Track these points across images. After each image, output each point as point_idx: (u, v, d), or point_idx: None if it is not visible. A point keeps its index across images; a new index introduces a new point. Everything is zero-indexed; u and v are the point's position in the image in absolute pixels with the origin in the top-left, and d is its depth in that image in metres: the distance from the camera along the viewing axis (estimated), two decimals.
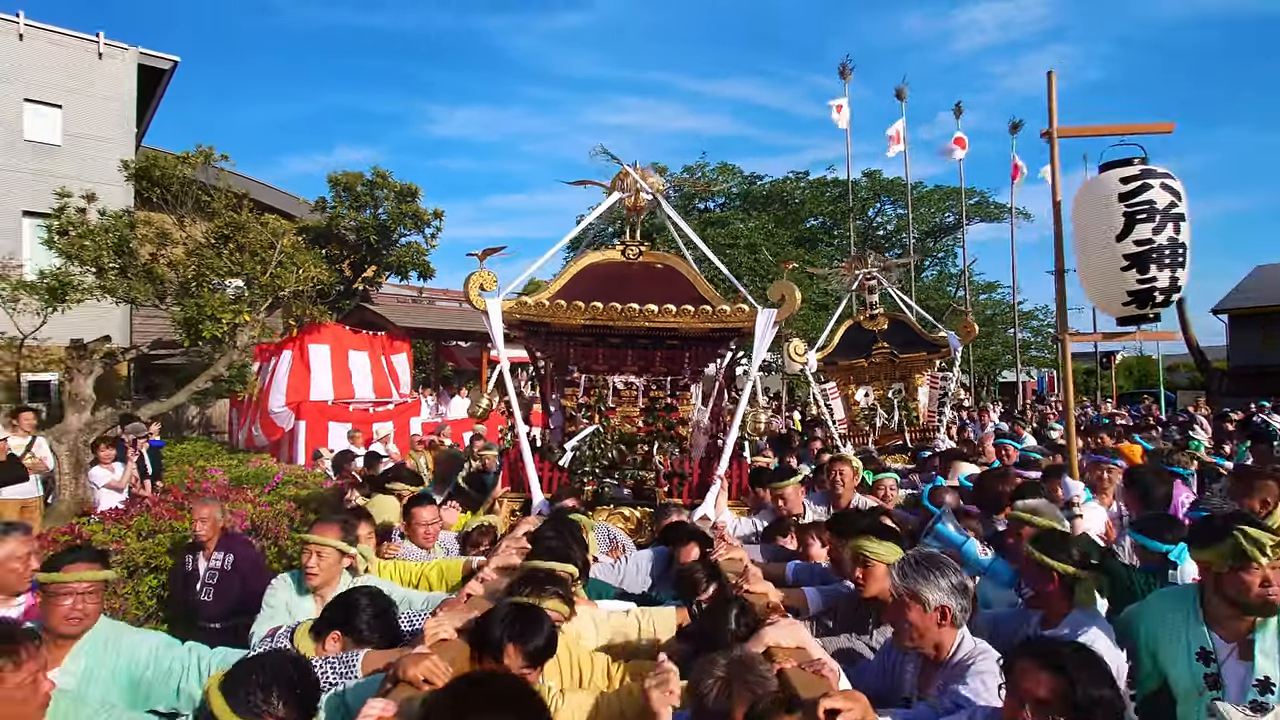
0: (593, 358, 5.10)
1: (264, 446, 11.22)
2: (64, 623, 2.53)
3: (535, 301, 4.69)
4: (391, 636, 2.69)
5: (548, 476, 4.81)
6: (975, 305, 29.52)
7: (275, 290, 11.65)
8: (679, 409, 5.17)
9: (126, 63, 15.60)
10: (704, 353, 5.28)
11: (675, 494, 4.94)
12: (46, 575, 2.57)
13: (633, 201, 5.35)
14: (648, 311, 4.67)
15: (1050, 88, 5.14)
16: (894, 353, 8.65)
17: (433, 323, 15.16)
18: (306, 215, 15.12)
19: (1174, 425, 12.72)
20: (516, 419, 4.87)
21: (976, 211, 28.42)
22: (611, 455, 4.94)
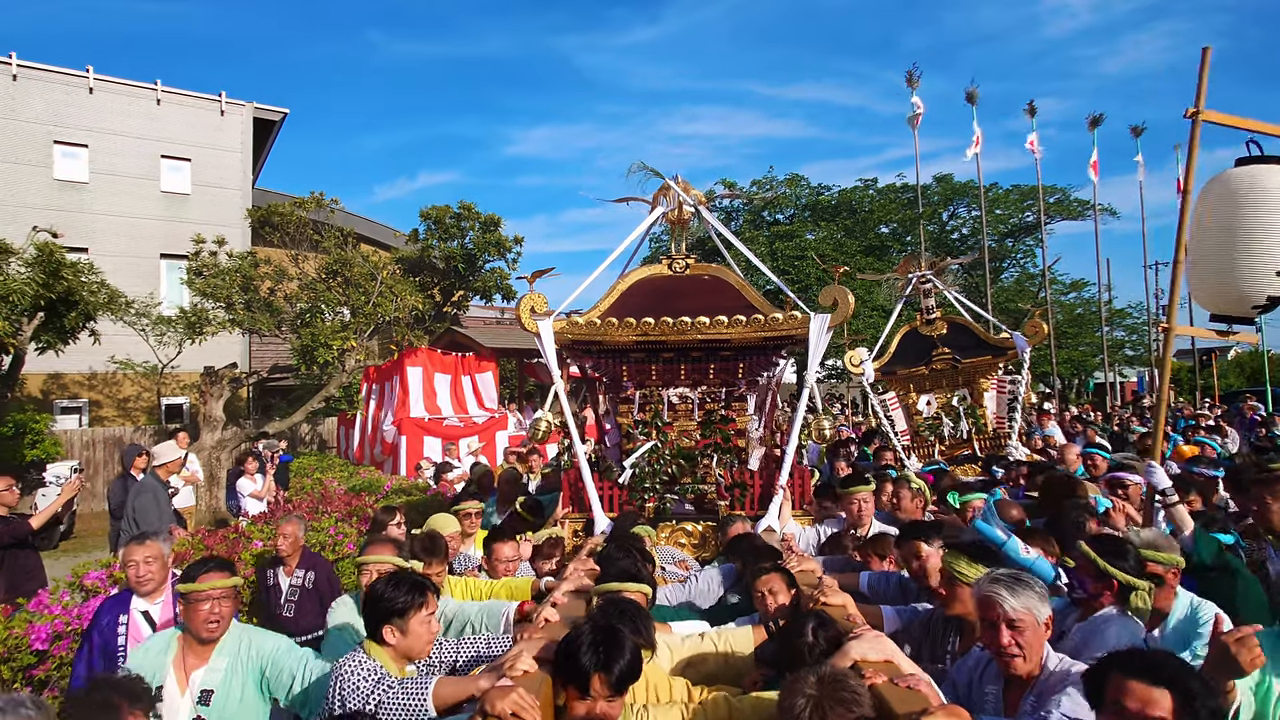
0: (646, 373, 5.05)
1: (378, 460, 12.44)
2: (204, 627, 2.78)
3: (586, 320, 4.65)
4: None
5: (608, 495, 4.76)
6: (1062, 305, 28.73)
7: (377, 318, 12.94)
8: (735, 420, 5.11)
9: (244, 117, 17.48)
10: (758, 362, 5.22)
11: (737, 506, 4.84)
12: (185, 585, 2.80)
13: (676, 215, 5.33)
14: (699, 324, 4.62)
15: (1203, 65, 4.60)
16: (956, 358, 8.26)
17: (516, 342, 16.24)
18: (401, 246, 16.51)
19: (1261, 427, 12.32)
20: (575, 439, 4.75)
21: (1058, 210, 27.69)
22: (671, 470, 4.87)
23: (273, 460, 8.84)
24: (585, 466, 4.72)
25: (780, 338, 4.80)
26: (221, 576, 2.84)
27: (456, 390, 13.13)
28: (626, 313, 4.66)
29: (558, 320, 4.62)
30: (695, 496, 4.90)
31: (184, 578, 2.84)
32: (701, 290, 5.00)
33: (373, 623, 2.50)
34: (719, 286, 5.06)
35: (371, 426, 13.31)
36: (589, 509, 4.69)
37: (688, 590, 3.76)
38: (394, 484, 9.43)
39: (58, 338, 11.64)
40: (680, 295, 4.91)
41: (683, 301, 4.80)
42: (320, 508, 6.94)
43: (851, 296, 4.81)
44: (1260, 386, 29.77)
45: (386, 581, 2.55)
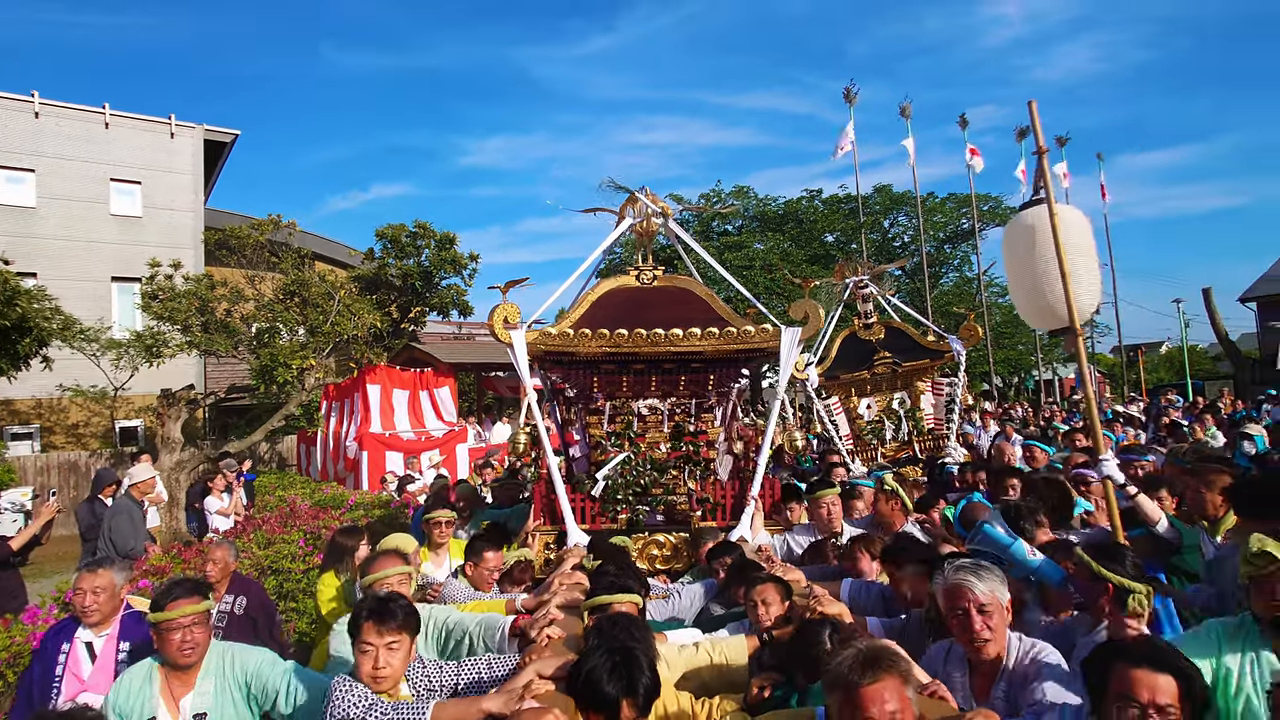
0: (617, 384, 5.01)
1: (340, 476, 12.68)
2: (178, 655, 2.69)
3: (559, 332, 4.62)
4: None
5: (579, 507, 4.73)
6: (999, 307, 30.09)
7: (336, 336, 13.20)
8: (707, 432, 5.14)
9: (194, 139, 17.51)
10: (727, 374, 5.22)
11: (708, 517, 4.85)
12: (155, 615, 2.69)
13: (643, 226, 5.31)
14: (673, 336, 4.63)
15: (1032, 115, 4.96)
16: (896, 362, 8.42)
17: (474, 356, 16.60)
18: (357, 264, 16.74)
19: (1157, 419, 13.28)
20: (547, 451, 4.70)
21: (991, 217, 29.06)
22: (644, 482, 4.84)
23: (239, 479, 9.10)
24: (558, 478, 4.65)
25: (751, 350, 4.84)
26: (192, 601, 2.73)
27: (415, 406, 13.47)
28: (596, 324, 4.66)
29: (530, 331, 4.55)
30: (666, 508, 4.89)
31: (153, 606, 2.72)
32: (669, 302, 5.02)
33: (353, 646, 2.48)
34: (686, 298, 5.09)
35: (333, 443, 13.55)
36: (561, 521, 4.63)
37: (671, 607, 3.77)
38: (358, 498, 9.75)
39: (10, 364, 11.63)
40: (649, 306, 4.92)
41: (651, 313, 4.81)
42: (289, 522, 7.27)
43: (823, 311, 4.93)
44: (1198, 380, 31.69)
45: (364, 603, 2.53)
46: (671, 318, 4.73)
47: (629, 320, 4.66)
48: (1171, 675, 1.83)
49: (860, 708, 1.77)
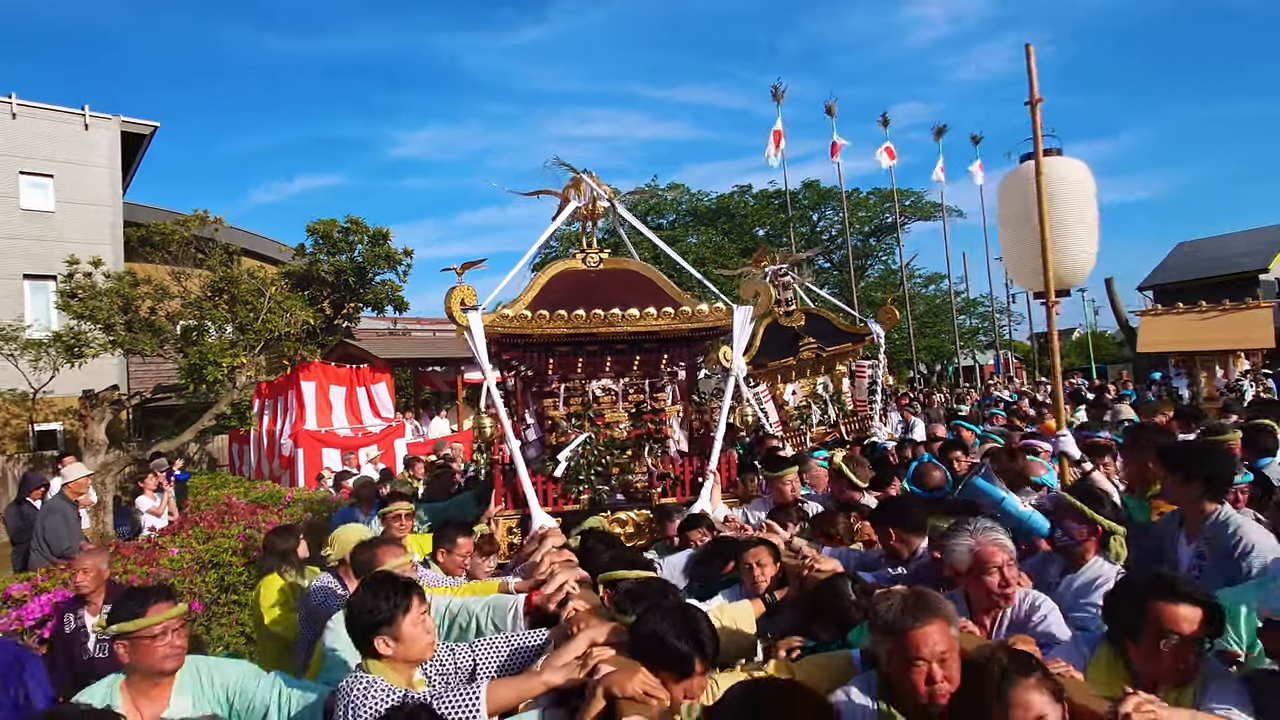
0: (571, 366, 4.99)
1: (275, 474, 12.62)
2: (165, 661, 2.50)
3: (516, 314, 4.57)
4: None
5: (540, 489, 4.68)
6: (922, 298, 31.50)
7: (267, 334, 13.07)
8: (664, 410, 5.17)
9: (111, 131, 16.92)
10: (680, 353, 5.27)
11: (668, 493, 4.90)
12: (132, 624, 2.47)
13: (589, 209, 5.28)
14: (630, 316, 4.62)
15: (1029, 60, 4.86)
16: (821, 347, 8.63)
17: (409, 352, 16.62)
18: (287, 260, 16.52)
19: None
20: (509, 435, 4.61)
21: (912, 211, 30.44)
22: (605, 462, 4.85)
23: (170, 480, 9.07)
24: (521, 462, 4.59)
25: (705, 329, 4.93)
26: (169, 605, 2.57)
27: (352, 402, 13.49)
28: (549, 306, 4.64)
29: (486, 314, 4.49)
30: (625, 486, 4.92)
31: (124, 616, 2.49)
32: (618, 284, 5.03)
33: (360, 638, 2.28)
34: (634, 280, 5.12)
35: (267, 441, 13.45)
36: (524, 505, 4.57)
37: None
38: (295, 495, 9.81)
39: None
40: (598, 289, 4.91)
41: (601, 295, 4.79)
42: (226, 517, 7.35)
43: (774, 291, 5.25)
44: (1101, 364, 33.90)
45: (364, 592, 2.33)
46: (621, 299, 4.74)
47: (579, 303, 4.66)
48: (1199, 606, 1.98)
49: (912, 650, 1.89)
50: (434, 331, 18.36)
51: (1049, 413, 7.85)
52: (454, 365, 16.91)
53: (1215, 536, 2.90)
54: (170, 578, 5.66)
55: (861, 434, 8.18)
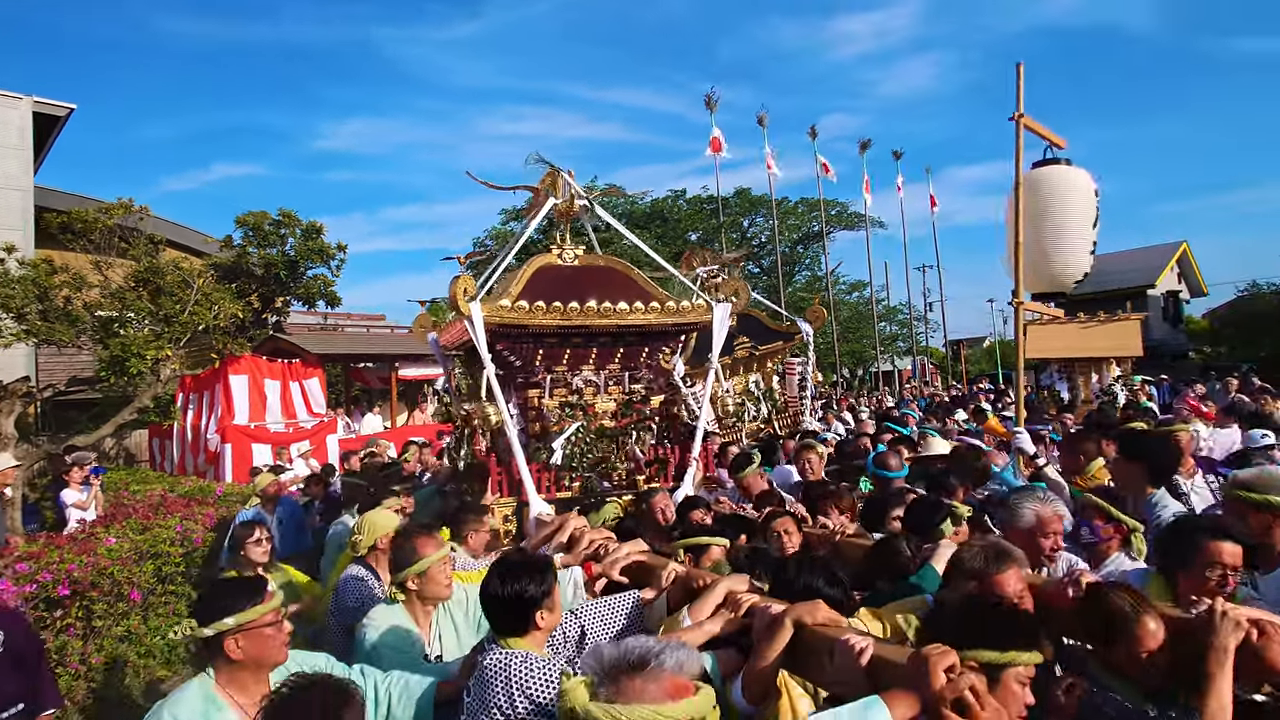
0: (557, 357, 5.12)
1: (200, 470, 12.40)
2: (279, 651, 2.39)
3: (514, 305, 4.68)
4: None
5: (536, 477, 4.76)
6: (845, 304, 32.81)
7: (193, 326, 12.80)
8: (650, 400, 5.39)
9: (23, 112, 16.12)
10: (659, 347, 5.47)
11: (653, 479, 5.10)
12: (255, 611, 2.34)
13: (565, 206, 5.39)
14: (620, 310, 4.84)
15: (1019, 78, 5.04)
16: (754, 346, 8.92)
17: (341, 347, 16.45)
18: (213, 251, 16.13)
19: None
20: (508, 425, 4.66)
21: (837, 221, 31.74)
22: (597, 450, 5.00)
23: (96, 475, 8.90)
24: (520, 451, 4.62)
25: (689, 324, 5.25)
26: (270, 596, 2.44)
27: (286, 397, 13.35)
28: (534, 299, 4.76)
29: (483, 305, 4.55)
30: (614, 473, 5.09)
31: (228, 609, 2.31)
32: (597, 278, 5.19)
33: (518, 616, 2.30)
34: (612, 275, 5.29)
35: (191, 436, 13.18)
36: (523, 494, 4.61)
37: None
38: (227, 489, 9.76)
39: None
40: (578, 283, 5.05)
41: (582, 289, 4.95)
42: (161, 510, 7.35)
43: (749, 290, 5.36)
44: (1007, 370, 36.09)
45: (514, 574, 2.34)
46: (601, 294, 4.94)
47: (560, 296, 4.82)
48: (1240, 544, 2.29)
49: (997, 591, 2.23)
50: (367, 327, 18.20)
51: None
52: (387, 361, 16.85)
53: (1146, 516, 3.30)
54: (110, 567, 5.72)
55: (793, 429, 8.54)
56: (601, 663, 1.54)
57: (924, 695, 1.72)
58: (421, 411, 17.28)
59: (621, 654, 1.53)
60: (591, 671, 1.55)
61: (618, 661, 1.53)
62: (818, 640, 2.07)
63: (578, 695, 1.50)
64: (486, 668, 2.18)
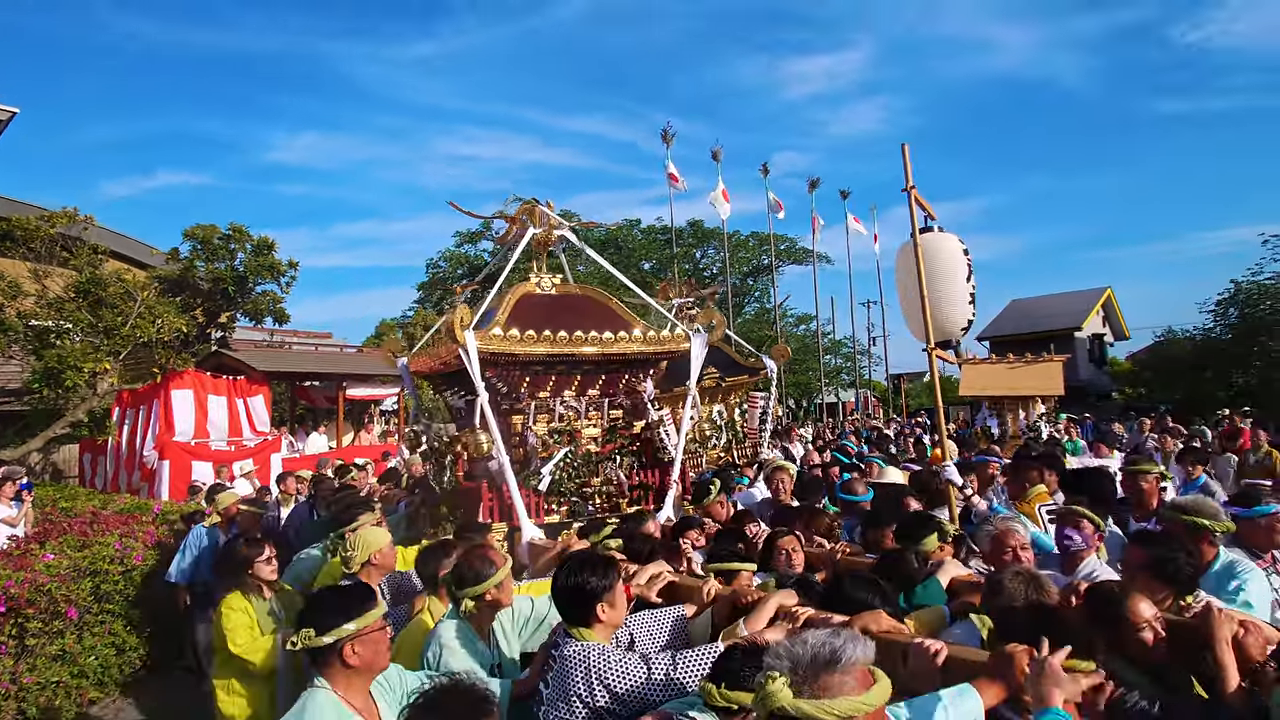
0: (541, 384, 5.18)
1: (135, 487, 12.04)
2: (385, 655, 2.42)
3: (506, 334, 4.77)
4: None
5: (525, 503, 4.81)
6: (791, 337, 33.62)
7: (135, 339, 12.50)
8: (633, 426, 5.50)
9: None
10: (638, 374, 5.57)
11: (640, 502, 5.18)
12: (370, 616, 2.36)
13: (544, 236, 5.54)
14: (606, 339, 4.97)
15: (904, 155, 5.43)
16: (721, 377, 9.27)
17: (288, 365, 16.20)
18: (158, 263, 15.78)
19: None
20: (500, 451, 4.67)
21: (786, 255, 32.67)
22: (584, 474, 5.08)
23: (28, 490, 8.61)
24: (511, 477, 4.66)
25: (666, 353, 5.38)
26: (376, 603, 2.45)
27: (232, 413, 13.10)
28: (522, 327, 4.88)
29: (476, 333, 4.65)
30: (597, 497, 5.17)
31: (346, 617, 2.31)
32: (577, 307, 5.33)
33: (581, 606, 2.47)
34: (589, 304, 5.43)
35: (126, 452, 12.80)
36: (515, 519, 4.66)
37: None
38: (165, 507, 9.52)
39: None
40: (559, 311, 5.17)
41: (564, 317, 5.08)
42: (96, 526, 7.17)
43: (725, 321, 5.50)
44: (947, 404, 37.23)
45: (577, 568, 2.53)
46: (579, 322, 5.06)
47: (547, 324, 4.95)
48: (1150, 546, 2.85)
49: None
50: (315, 345, 17.94)
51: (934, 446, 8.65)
52: (334, 381, 16.65)
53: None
54: (48, 584, 5.60)
55: (752, 459, 8.81)
56: (796, 661, 1.63)
57: (1010, 685, 2.01)
58: (368, 432, 17.10)
59: (814, 652, 1.62)
60: (785, 670, 1.62)
61: (813, 659, 1.62)
62: (884, 646, 2.17)
63: (784, 694, 1.57)
64: (566, 658, 2.34)
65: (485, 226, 29.02)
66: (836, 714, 1.53)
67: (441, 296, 29.95)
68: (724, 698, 1.87)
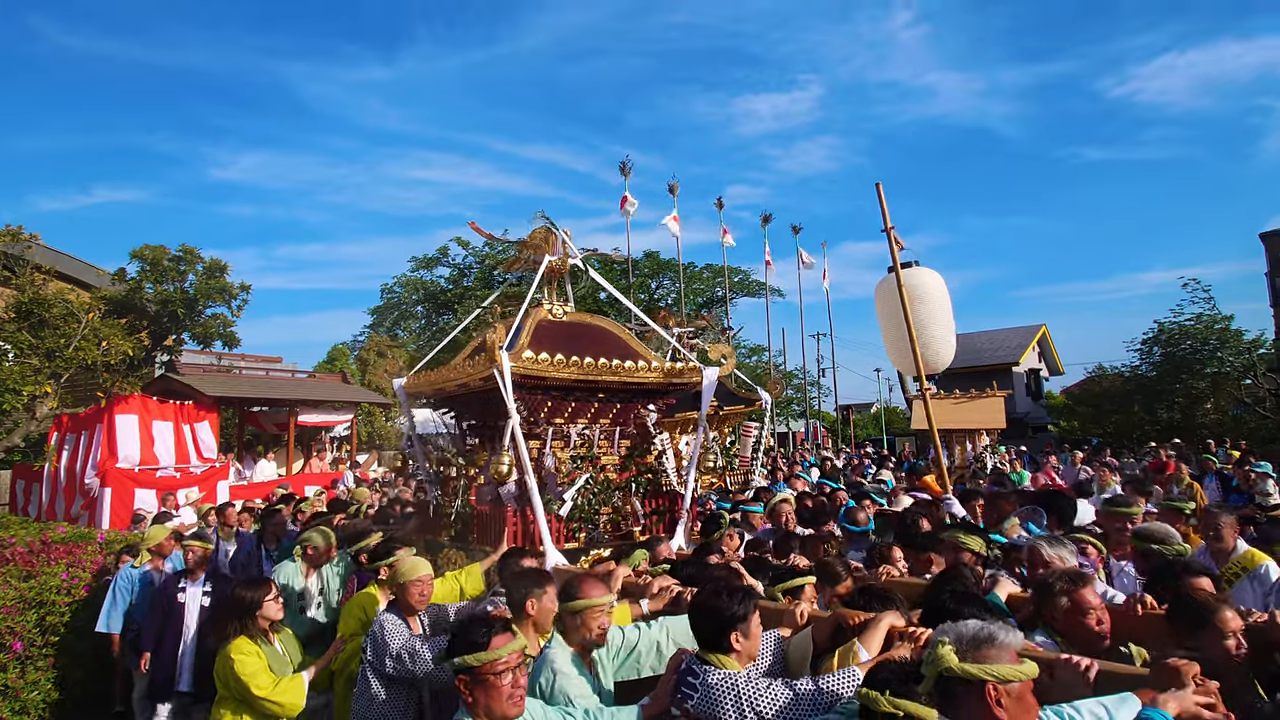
0: (560, 410, 5.16)
1: (74, 515, 11.60)
2: (510, 704, 2.26)
3: (536, 358, 4.72)
4: None
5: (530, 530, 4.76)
6: (744, 367, 34.16)
7: (78, 362, 12.16)
8: (648, 455, 5.48)
9: None
10: (648, 404, 5.63)
11: (648, 530, 5.17)
12: (479, 655, 2.26)
13: (559, 264, 5.55)
14: (628, 368, 4.95)
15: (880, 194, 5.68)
16: (720, 406, 9.39)
17: (238, 390, 15.85)
18: (103, 284, 15.38)
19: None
20: (529, 476, 4.58)
21: (740, 288, 33.30)
22: (604, 501, 5.04)
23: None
24: (538, 502, 4.60)
25: (681, 383, 5.38)
26: (508, 638, 2.34)
27: (179, 439, 12.74)
28: (537, 352, 4.82)
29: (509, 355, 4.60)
30: (610, 524, 5.15)
31: (467, 647, 2.29)
32: (589, 336, 5.34)
33: (717, 632, 2.52)
34: (601, 333, 5.46)
35: (65, 479, 12.32)
36: (538, 542, 4.60)
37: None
38: (109, 535, 9.23)
39: None
40: (574, 339, 5.14)
41: (578, 344, 5.05)
42: (41, 555, 6.95)
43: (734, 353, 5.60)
44: (892, 435, 38.35)
45: (715, 594, 2.57)
46: (599, 349, 5.06)
47: (562, 351, 4.91)
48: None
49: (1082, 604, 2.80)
50: (265, 370, 17.57)
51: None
52: (285, 406, 16.34)
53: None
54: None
55: (743, 485, 9.01)
56: (960, 636, 1.99)
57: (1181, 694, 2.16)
58: (319, 459, 16.77)
59: (974, 632, 1.99)
60: (952, 641, 1.98)
61: (974, 637, 1.98)
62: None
63: (951, 658, 1.93)
64: (713, 686, 2.43)
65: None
66: (995, 675, 1.89)
67: (396, 320, 29.62)
68: (893, 704, 2.02)
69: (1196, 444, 17.09)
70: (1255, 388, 22.86)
